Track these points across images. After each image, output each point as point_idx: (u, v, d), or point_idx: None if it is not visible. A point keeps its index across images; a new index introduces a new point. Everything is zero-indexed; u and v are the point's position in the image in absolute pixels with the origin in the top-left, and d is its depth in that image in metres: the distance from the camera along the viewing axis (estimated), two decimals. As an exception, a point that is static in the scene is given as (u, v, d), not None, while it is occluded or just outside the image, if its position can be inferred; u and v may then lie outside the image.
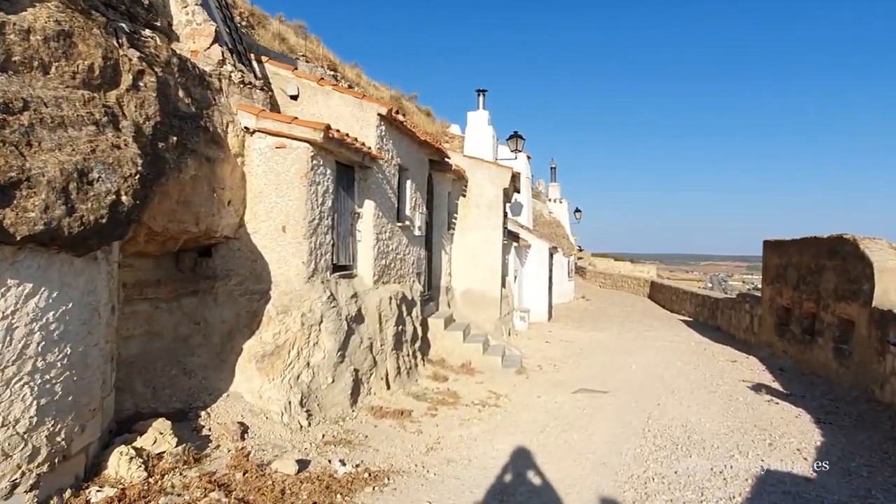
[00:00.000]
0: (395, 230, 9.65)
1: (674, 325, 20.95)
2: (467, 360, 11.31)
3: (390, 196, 9.26)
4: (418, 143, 10.78)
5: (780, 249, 14.16)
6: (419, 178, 11.05)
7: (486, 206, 14.49)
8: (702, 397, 9.91)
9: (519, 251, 19.90)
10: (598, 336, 17.99)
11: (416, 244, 10.98)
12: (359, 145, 7.89)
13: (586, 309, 26.17)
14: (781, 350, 13.63)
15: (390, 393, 8.45)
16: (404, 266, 10.13)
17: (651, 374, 11.91)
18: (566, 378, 11.49)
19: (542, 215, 28.80)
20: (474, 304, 14.50)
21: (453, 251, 14.51)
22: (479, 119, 19.31)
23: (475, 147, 18.78)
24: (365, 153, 8.12)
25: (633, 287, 34.29)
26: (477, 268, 14.48)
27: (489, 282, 14.46)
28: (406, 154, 10.14)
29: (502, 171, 14.43)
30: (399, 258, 9.84)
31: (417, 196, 10.94)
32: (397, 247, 9.73)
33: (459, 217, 14.55)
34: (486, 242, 14.47)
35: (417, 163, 10.90)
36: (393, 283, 9.45)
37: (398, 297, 9.35)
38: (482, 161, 14.60)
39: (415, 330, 10.05)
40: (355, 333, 7.78)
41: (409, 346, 9.77)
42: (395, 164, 9.45)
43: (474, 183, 14.53)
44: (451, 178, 13.95)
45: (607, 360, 13.61)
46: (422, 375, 10.05)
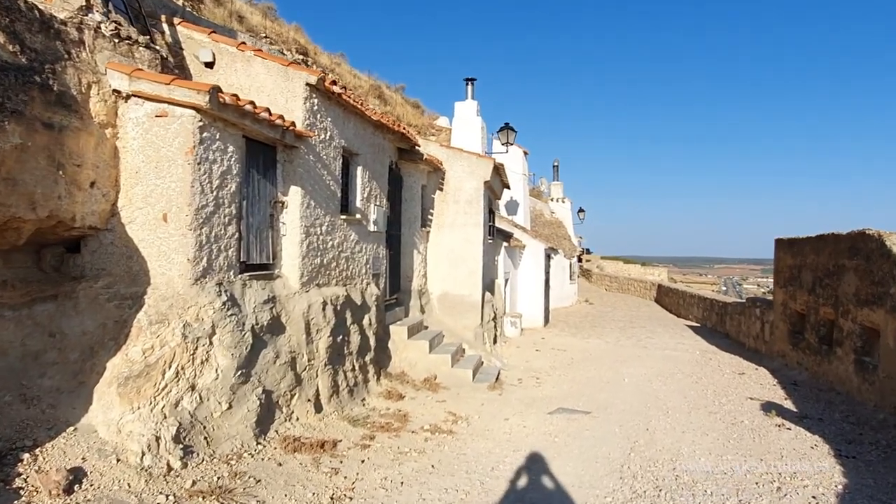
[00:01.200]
0: (339, 224, 8.18)
1: (679, 332, 19.31)
2: (432, 374, 9.81)
3: (329, 184, 7.80)
4: (373, 125, 9.32)
5: (793, 249, 12.52)
6: (376, 166, 9.58)
7: (465, 201, 12.99)
8: (700, 420, 8.33)
9: (512, 252, 18.38)
10: (594, 343, 16.41)
11: (373, 241, 9.51)
12: (274, 118, 6.44)
13: (587, 313, 24.56)
14: (795, 361, 11.99)
15: (320, 417, 6.97)
16: (353, 266, 8.67)
17: (645, 390, 10.34)
18: (547, 394, 9.96)
19: (542, 215, 27.23)
20: (453, 309, 13.00)
21: (429, 251, 13.03)
22: (466, 110, 17.83)
23: (463, 140, 17.30)
24: (286, 129, 6.67)
25: (639, 290, 32.58)
26: (455, 269, 12.98)
27: (469, 285, 12.95)
28: (355, 136, 8.68)
29: (483, 162, 12.93)
30: (344, 257, 8.37)
31: (374, 186, 9.47)
32: (341, 243, 8.27)
33: (436, 213, 13.07)
34: (466, 241, 12.97)
35: (373, 148, 9.44)
36: (334, 286, 7.98)
37: (339, 301, 7.87)
38: (461, 151, 13.11)
39: (363, 340, 8.58)
40: (268, 347, 6.31)
41: (356, 359, 8.30)
42: (336, 146, 7.98)
43: (452, 175, 13.04)
44: (424, 170, 12.48)
45: (598, 372, 12.05)
46: (372, 393, 8.56)
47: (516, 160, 22.31)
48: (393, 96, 19.28)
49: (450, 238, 13.01)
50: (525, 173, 22.86)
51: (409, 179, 12.01)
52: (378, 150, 9.65)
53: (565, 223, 29.62)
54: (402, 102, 19.83)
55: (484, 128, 18.06)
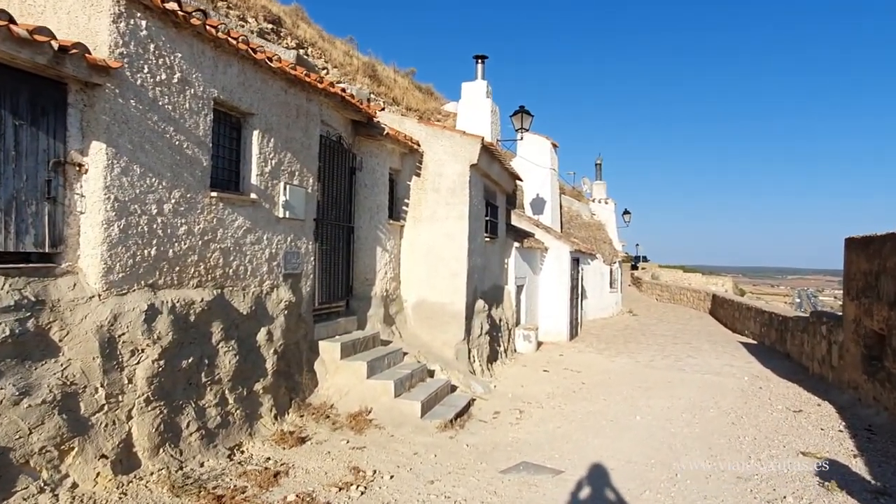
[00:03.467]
0: (206, 204, 5.86)
1: (730, 350, 16.12)
2: (365, 407, 7.35)
3: (180, 145, 5.49)
4: (284, 80, 6.98)
5: (869, 250, 9.41)
6: (294, 135, 7.24)
7: (447, 189, 10.49)
8: (722, 496, 5.55)
9: (529, 254, 15.72)
10: (620, 363, 13.54)
11: (285, 231, 7.16)
12: (39, 38, 4.17)
13: (627, 326, 21.49)
14: (871, 396, 8.88)
15: (123, 481, 4.63)
16: (238, 262, 6.32)
17: (658, 435, 7.57)
18: (520, 437, 7.34)
19: (579, 216, 24.32)
20: (430, 320, 10.50)
21: (403, 249, 10.59)
22: (475, 90, 15.31)
23: (469, 125, 14.80)
24: (68, 55, 4.40)
25: (692, 301, 29.04)
26: (435, 272, 10.49)
27: (450, 290, 10.43)
28: (244, 89, 6.36)
29: (468, 141, 10.41)
30: (219, 249, 6.04)
31: (288, 160, 7.13)
32: (211, 231, 5.94)
33: (412, 204, 10.63)
34: (448, 237, 10.47)
35: (285, 110, 7.10)
36: (190, 288, 5.64)
37: (192, 310, 5.53)
38: (442, 129, 10.63)
39: (250, 362, 6.21)
40: (3, 379, 4.03)
41: (234, 390, 5.94)
42: (197, 95, 5.68)
43: (432, 158, 10.58)
44: (396, 151, 10.07)
45: (607, 404, 9.30)
46: (260, 435, 6.19)
47: (542, 152, 19.62)
48: (390, 75, 16.97)
49: (428, 234, 10.53)
50: (554, 168, 20.11)
51: (371, 161, 9.62)
52: (297, 114, 7.30)
53: (608, 226, 26.57)
54: (405, 85, 17.52)
55: (496, 112, 15.51)
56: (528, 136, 19.89)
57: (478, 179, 11.13)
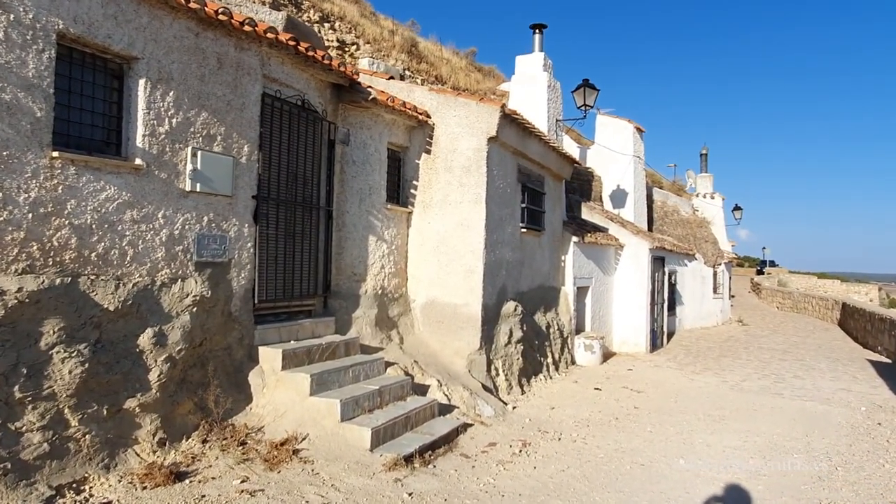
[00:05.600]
0: (51, 167, 4.45)
1: (853, 370, 12.85)
2: (299, 433, 5.67)
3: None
4: (193, 20, 5.47)
5: None
6: (210, 89, 5.70)
7: (460, 168, 8.62)
8: None
9: (599, 252, 13.40)
10: (701, 382, 10.95)
11: (196, 209, 5.63)
12: None
13: (730, 337, 18.30)
14: None
15: None
16: (110, 244, 4.87)
17: (700, 490, 5.28)
18: (493, 487, 5.35)
19: (676, 212, 21.25)
20: (440, 324, 8.66)
21: (411, 239, 8.84)
22: (530, 64, 13.21)
23: (523, 103, 12.76)
24: None
25: (818, 310, 24.77)
26: (446, 267, 8.64)
27: (464, 290, 8.53)
28: (125, 26, 4.92)
29: (484, 109, 8.47)
30: (71, 225, 4.61)
31: (197, 119, 5.62)
32: (59, 201, 4.52)
33: (422, 186, 8.85)
34: (462, 226, 8.59)
35: (196, 58, 5.59)
36: (2, 274, 4.25)
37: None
38: (455, 96, 8.76)
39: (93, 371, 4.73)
40: None
41: (74, 408, 4.49)
42: (17, 20, 4.28)
43: (443, 132, 8.75)
44: (396, 123, 8.36)
45: (650, 439, 7.02)
46: (119, 468, 4.68)
47: (624, 138, 17.05)
48: (432, 49, 15.19)
49: (439, 221, 8.71)
50: (639, 155, 17.44)
51: (362, 134, 7.98)
52: (218, 65, 5.78)
53: (714, 224, 23.17)
54: (459, 65, 15.69)
55: (556, 88, 13.32)
56: (608, 119, 17.47)
57: (503, 157, 9.15)
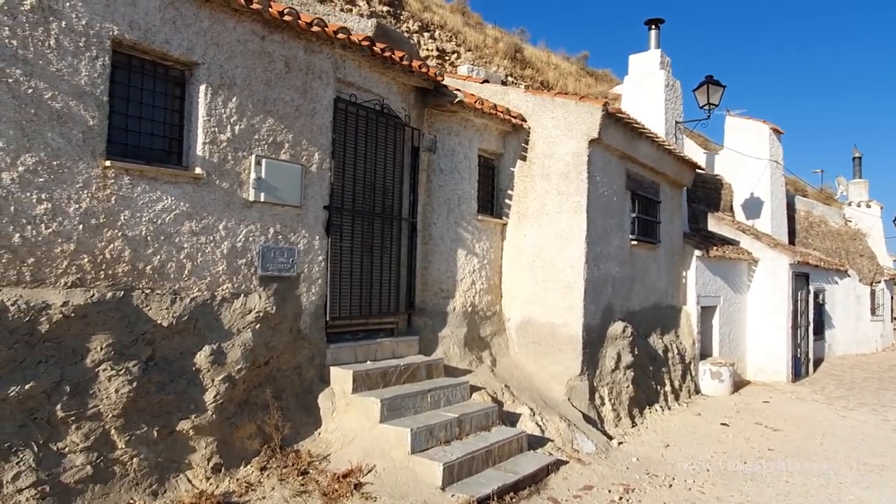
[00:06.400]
0: (104, 177, 4.28)
1: None
2: (365, 464, 5.15)
3: (35, 93, 3.98)
4: (259, 23, 5.21)
5: None
6: (276, 94, 5.40)
7: (558, 175, 7.82)
8: None
9: (728, 267, 11.96)
10: (855, 420, 9.25)
11: (261, 220, 5.32)
12: None
13: (894, 366, 15.73)
14: None
15: None
16: (167, 256, 4.63)
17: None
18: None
19: (823, 223, 18.77)
20: (537, 346, 7.86)
21: (505, 252, 8.15)
22: (645, 63, 12.08)
23: (637, 104, 11.68)
24: None
25: None
26: (543, 283, 7.85)
27: (563, 308, 7.69)
28: (185, 31, 4.72)
29: (584, 109, 7.63)
30: (125, 237, 4.40)
31: (262, 126, 5.32)
32: (112, 212, 4.33)
33: (517, 195, 8.15)
34: (560, 238, 7.77)
35: (262, 62, 5.30)
36: (48, 287, 4.04)
37: (31, 315, 3.94)
38: (552, 97, 7.98)
39: (141, 390, 4.46)
40: None
41: (121, 430, 4.24)
42: (70, 27, 4.14)
43: (540, 136, 8.00)
44: (488, 128, 7.77)
45: (785, 493, 5.80)
46: (169, 494, 4.38)
47: (759, 141, 15.27)
48: (538, 55, 14.33)
49: (535, 233, 7.96)
50: (776, 160, 15.54)
51: (451, 140, 7.45)
52: (285, 69, 5.48)
53: (870, 236, 20.27)
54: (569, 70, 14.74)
55: (675, 87, 12.07)
56: (738, 120, 15.79)
57: (608, 161, 8.23)
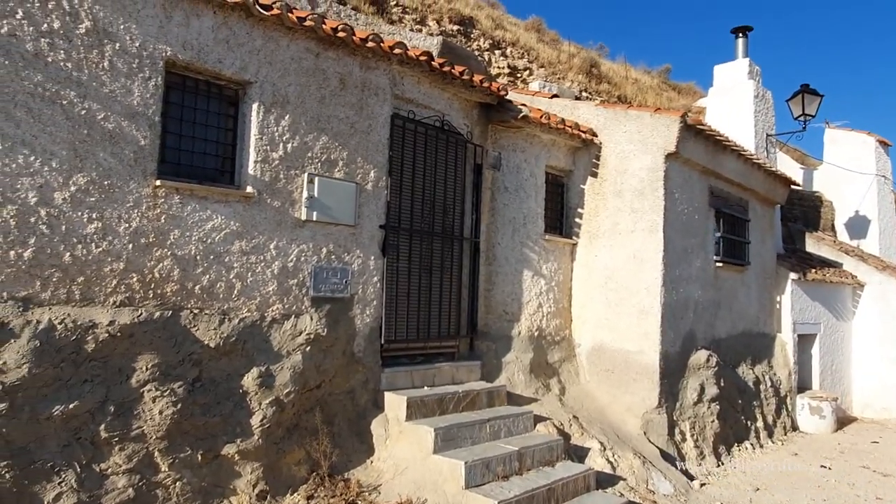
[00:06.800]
0: (154, 196, 4.28)
1: None
2: (415, 497, 4.85)
3: (89, 114, 4.01)
4: (313, 40, 5.13)
5: None
6: (330, 111, 5.28)
7: (631, 192, 7.32)
8: None
9: (829, 292, 10.93)
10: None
11: (313, 239, 5.17)
12: None
13: None
14: None
15: None
16: (216, 275, 4.56)
17: None
18: None
19: (942, 244, 16.91)
20: (609, 374, 7.32)
21: (576, 274, 7.70)
22: (732, 73, 11.30)
23: (723, 116, 10.92)
24: None
25: None
26: (616, 306, 7.34)
27: (639, 334, 7.14)
28: (238, 50, 4.70)
29: (660, 121, 7.12)
30: (174, 256, 4.35)
31: (316, 144, 5.22)
32: (162, 231, 4.30)
33: (587, 214, 7.70)
34: (634, 259, 7.25)
35: (316, 79, 5.21)
36: (97, 306, 4.03)
37: (79, 334, 3.93)
38: (625, 110, 7.50)
39: (186, 412, 4.35)
40: None
41: (165, 452, 4.16)
42: (123, 49, 4.18)
43: (612, 151, 7.54)
44: (556, 144, 7.41)
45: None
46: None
47: (864, 155, 13.96)
48: (616, 69, 13.69)
49: (607, 254, 7.47)
50: (885, 175, 14.15)
51: (516, 157, 7.15)
52: (340, 85, 5.37)
53: None
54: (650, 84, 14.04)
55: (766, 97, 11.20)
56: (839, 133, 14.56)
57: (688, 177, 7.65)
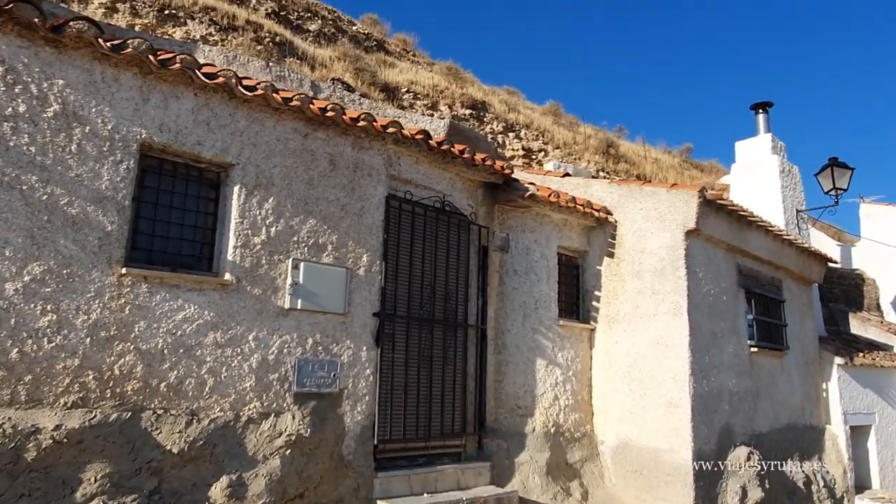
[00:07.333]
0: (119, 285, 3.95)
1: None
2: None
3: (51, 199, 3.76)
4: (301, 120, 4.94)
5: None
6: (319, 193, 4.99)
7: (651, 272, 6.81)
8: None
9: (881, 377, 10.01)
10: None
11: (297, 329, 4.76)
12: None
13: None
14: None
15: None
16: (185, 372, 4.14)
17: None
18: None
19: None
20: (637, 475, 6.55)
21: (595, 362, 7.09)
22: (754, 149, 10.88)
23: (748, 193, 10.43)
24: None
25: None
26: (640, 399, 6.66)
27: (667, 430, 6.42)
28: (219, 131, 4.51)
29: (677, 196, 6.69)
30: (138, 350, 3.98)
31: (303, 227, 4.91)
32: (126, 323, 3.94)
33: (605, 296, 7.18)
34: (657, 345, 6.64)
35: (304, 160, 4.96)
36: (45, 408, 3.63)
37: (17, 441, 3.52)
38: (640, 186, 7.11)
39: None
40: None
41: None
42: (93, 132, 3.98)
43: (628, 230, 7.10)
44: (568, 223, 7.03)
45: None
46: None
47: None
48: (634, 149, 13.38)
49: (628, 340, 6.88)
50: (930, 249, 13.31)
51: (525, 238, 6.76)
52: (330, 166, 5.11)
53: None
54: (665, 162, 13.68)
55: (793, 173, 10.71)
56: (876, 207, 13.92)
57: (712, 255, 7.13)
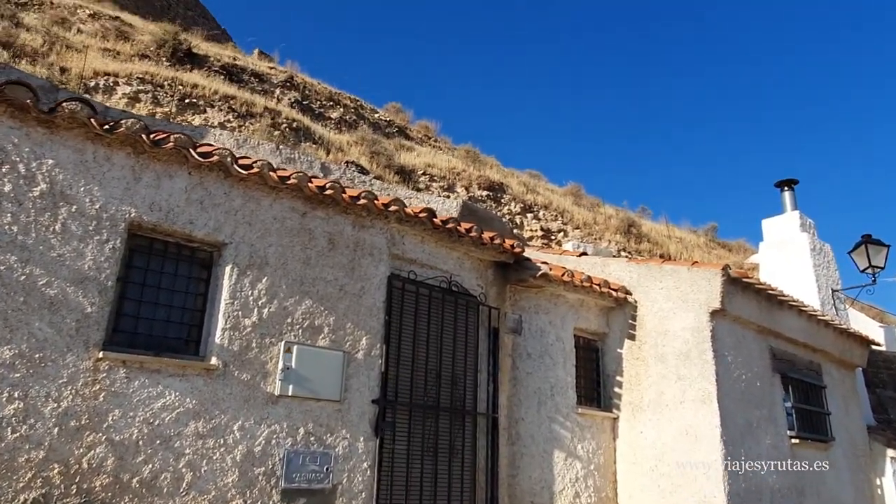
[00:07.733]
0: (95, 370, 3.73)
1: None
2: None
3: (29, 279, 3.64)
4: (299, 199, 4.81)
5: None
6: (316, 273, 4.78)
7: (675, 355, 6.34)
8: None
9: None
10: None
11: (288, 418, 4.42)
12: None
13: None
14: None
15: None
16: (161, 465, 3.82)
17: None
18: None
19: None
20: (670, 585, 5.84)
21: (620, 454, 6.53)
22: (782, 227, 10.48)
23: (780, 273, 9.97)
24: None
25: None
26: (670, 494, 6.04)
27: (701, 532, 5.76)
28: (213, 210, 4.40)
29: (700, 275, 6.31)
30: (110, 442, 3.69)
31: (297, 308, 4.67)
32: (99, 412, 3.66)
33: (627, 382, 6.70)
34: (687, 435, 6.08)
35: (301, 239, 4.79)
36: None
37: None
38: (659, 265, 6.76)
39: None
40: None
41: None
42: (80, 211, 3.87)
43: (649, 310, 6.70)
44: (585, 304, 6.67)
45: None
46: None
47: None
48: (657, 229, 13.01)
49: (653, 430, 6.34)
50: None
51: (539, 320, 6.41)
52: (329, 246, 4.93)
53: None
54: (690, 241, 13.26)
55: (825, 251, 10.24)
56: (918, 287, 13.13)
57: (741, 337, 6.65)
